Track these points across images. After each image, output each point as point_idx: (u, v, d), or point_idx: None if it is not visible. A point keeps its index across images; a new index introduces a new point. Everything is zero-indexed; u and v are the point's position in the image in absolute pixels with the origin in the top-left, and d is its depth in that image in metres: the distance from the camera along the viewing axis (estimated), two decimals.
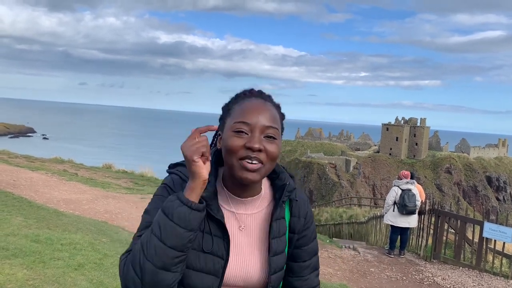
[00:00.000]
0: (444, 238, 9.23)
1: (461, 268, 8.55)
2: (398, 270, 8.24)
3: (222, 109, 1.33)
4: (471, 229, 9.46)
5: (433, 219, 9.42)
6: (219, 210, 1.25)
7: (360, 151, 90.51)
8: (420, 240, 9.54)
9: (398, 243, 9.35)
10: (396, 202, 8.85)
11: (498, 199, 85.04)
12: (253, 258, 1.31)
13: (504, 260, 8.51)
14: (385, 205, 9.28)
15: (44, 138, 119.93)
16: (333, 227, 17.47)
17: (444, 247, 9.21)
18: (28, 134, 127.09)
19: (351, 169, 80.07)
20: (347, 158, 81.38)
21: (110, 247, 5.83)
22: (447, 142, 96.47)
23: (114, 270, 4.89)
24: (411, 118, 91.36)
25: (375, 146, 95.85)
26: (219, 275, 1.26)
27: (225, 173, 1.33)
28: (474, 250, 8.89)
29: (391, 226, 9.13)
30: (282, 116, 1.34)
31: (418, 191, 8.98)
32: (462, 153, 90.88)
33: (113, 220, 8.38)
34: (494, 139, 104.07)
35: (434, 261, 9.00)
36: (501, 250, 8.49)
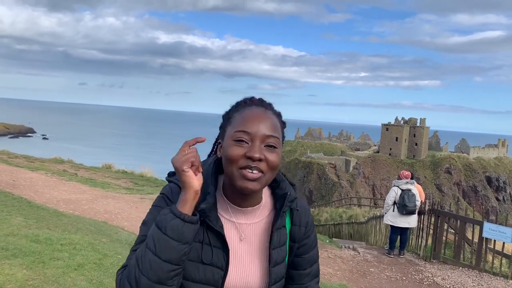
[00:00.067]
0: (443, 238, 9.23)
1: (460, 268, 8.55)
2: (398, 270, 8.24)
3: (223, 117, 1.32)
4: (471, 229, 9.47)
5: (432, 219, 9.42)
6: (218, 221, 1.24)
7: (359, 151, 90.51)
8: (419, 240, 9.54)
9: (397, 243, 9.36)
10: (396, 202, 8.85)
11: (497, 199, 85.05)
12: (253, 268, 1.30)
13: (503, 260, 8.51)
14: (384, 205, 9.28)
15: (43, 138, 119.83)
16: (333, 227, 17.48)
17: (443, 247, 9.21)
18: (27, 134, 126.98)
19: (351, 169, 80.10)
20: (347, 158, 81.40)
21: (110, 247, 5.82)
22: (447, 142, 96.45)
23: (113, 270, 4.89)
24: (411, 118, 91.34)
25: (375, 146, 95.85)
26: (219, 286, 1.25)
27: (225, 182, 1.31)
28: (474, 250, 8.89)
29: (391, 226, 9.13)
30: (283, 124, 1.33)
31: (417, 191, 8.99)
32: (462, 153, 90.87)
33: (112, 220, 8.38)
34: (493, 139, 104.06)
35: (434, 261, 9.00)
36: (500, 250, 8.49)
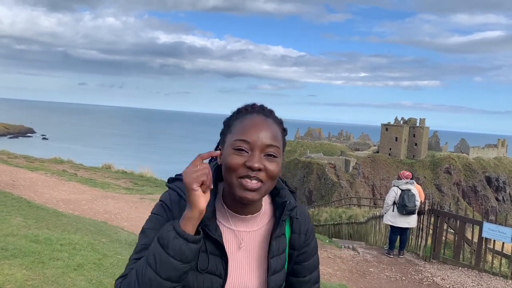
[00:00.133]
0: (443, 238, 9.23)
1: (460, 268, 8.55)
2: (398, 270, 8.24)
3: (224, 123, 1.32)
4: (471, 229, 9.48)
5: (432, 219, 9.43)
6: (217, 229, 1.24)
7: (359, 151, 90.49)
8: (419, 240, 9.55)
9: (397, 243, 9.36)
10: (395, 202, 8.85)
11: (497, 199, 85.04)
12: (252, 276, 1.30)
13: (503, 260, 8.52)
14: (384, 205, 9.29)
15: (43, 138, 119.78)
16: (332, 227, 17.48)
17: (443, 247, 9.21)
18: (27, 134, 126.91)
19: (351, 169, 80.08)
20: (347, 158, 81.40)
21: (110, 247, 5.82)
22: (447, 142, 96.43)
23: (113, 270, 4.89)
24: (411, 118, 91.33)
25: (375, 146, 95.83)
26: None
27: (225, 189, 1.31)
28: (474, 250, 8.89)
29: (391, 226, 9.13)
30: (284, 131, 1.32)
31: (417, 191, 8.99)
32: (462, 153, 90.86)
33: (112, 220, 8.38)
34: (493, 139, 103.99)
35: (434, 261, 9.00)
36: (500, 250, 8.49)
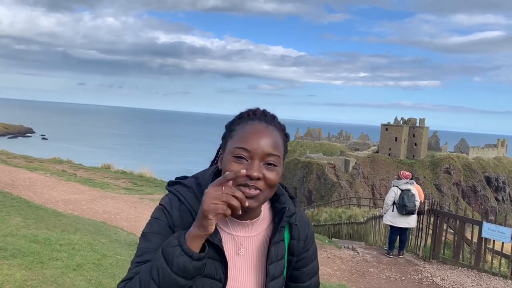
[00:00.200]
0: (443, 238, 9.23)
1: (460, 268, 8.55)
2: (397, 270, 8.24)
3: (225, 127, 1.31)
4: (470, 229, 9.48)
5: (432, 219, 9.42)
6: (217, 234, 1.23)
7: (359, 151, 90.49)
8: (419, 240, 9.54)
9: (397, 243, 9.36)
10: (395, 202, 8.85)
11: (497, 200, 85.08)
12: (250, 282, 1.30)
13: (503, 260, 8.52)
14: (384, 205, 9.28)
15: (43, 139, 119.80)
16: (332, 227, 17.50)
17: (443, 247, 9.21)
18: (27, 134, 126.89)
19: (350, 169, 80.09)
20: (346, 158, 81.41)
21: (109, 248, 5.82)
22: (446, 143, 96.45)
23: (112, 271, 4.89)
24: (410, 118, 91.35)
25: (374, 146, 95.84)
26: None
27: None
28: (473, 250, 8.89)
29: (390, 226, 9.13)
30: (287, 137, 1.31)
31: (417, 191, 8.99)
32: (461, 153, 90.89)
33: (111, 220, 8.37)
34: (493, 139, 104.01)
35: (433, 261, 9.00)
36: (500, 250, 8.49)
